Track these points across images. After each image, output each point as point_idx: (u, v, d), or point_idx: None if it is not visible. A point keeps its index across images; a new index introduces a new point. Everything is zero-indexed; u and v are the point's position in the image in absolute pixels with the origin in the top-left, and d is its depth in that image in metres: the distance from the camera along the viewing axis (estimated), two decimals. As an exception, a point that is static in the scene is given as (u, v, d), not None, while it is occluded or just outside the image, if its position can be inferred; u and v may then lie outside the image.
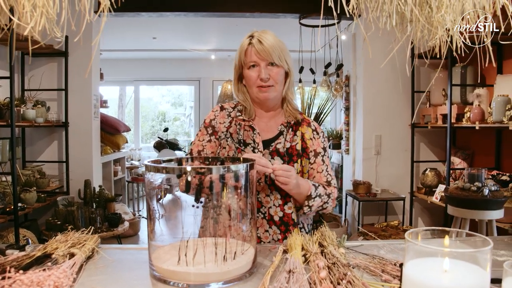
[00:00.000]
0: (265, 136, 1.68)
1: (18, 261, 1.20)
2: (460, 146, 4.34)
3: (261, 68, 1.58)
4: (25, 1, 1.12)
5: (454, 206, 2.92)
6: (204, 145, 1.69)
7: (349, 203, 4.93)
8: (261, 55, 1.56)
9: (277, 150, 1.64)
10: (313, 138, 1.71)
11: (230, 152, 1.64)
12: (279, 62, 1.58)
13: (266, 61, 1.57)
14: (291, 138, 1.67)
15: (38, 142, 4.31)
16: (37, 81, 4.17)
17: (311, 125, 1.74)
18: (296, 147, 1.66)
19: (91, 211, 3.78)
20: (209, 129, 1.70)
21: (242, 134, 1.66)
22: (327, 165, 1.72)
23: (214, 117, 1.72)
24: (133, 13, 4.37)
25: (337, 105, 6.71)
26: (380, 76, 4.39)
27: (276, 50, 1.57)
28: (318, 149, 1.71)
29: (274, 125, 1.71)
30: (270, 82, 1.59)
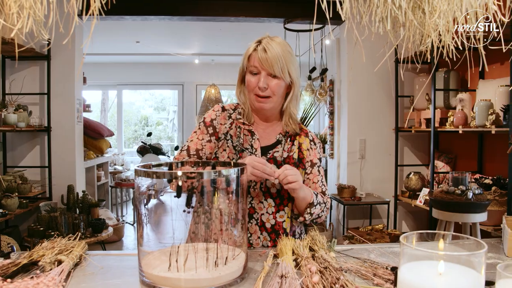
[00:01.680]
0: (263, 143, 1.66)
1: (4, 269, 1.17)
2: (443, 150, 4.40)
3: (261, 77, 1.54)
4: (11, 2, 1.10)
5: (438, 209, 2.95)
6: (203, 145, 1.64)
7: (333, 207, 4.95)
8: (263, 64, 1.53)
9: (275, 158, 1.63)
10: (310, 148, 1.70)
11: (230, 154, 1.62)
12: (280, 74, 1.54)
13: (267, 71, 1.54)
14: (289, 148, 1.66)
15: (20, 147, 4.23)
16: (18, 85, 4.09)
17: (309, 135, 1.73)
18: (293, 157, 1.65)
19: (75, 217, 3.72)
20: (210, 129, 1.66)
21: (242, 138, 1.64)
22: (322, 175, 1.72)
23: (215, 117, 1.67)
24: (116, 17, 4.32)
25: (321, 109, 6.75)
26: (364, 80, 4.42)
27: (279, 62, 1.52)
28: (315, 160, 1.71)
29: (272, 133, 1.69)
30: (268, 92, 1.56)
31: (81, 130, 4.49)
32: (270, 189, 1.60)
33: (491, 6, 0.86)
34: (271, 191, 1.61)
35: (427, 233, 0.99)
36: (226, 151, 1.62)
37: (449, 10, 0.87)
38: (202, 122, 1.67)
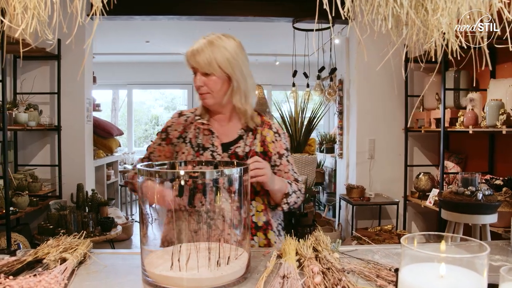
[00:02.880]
0: (224, 139, 1.68)
1: (9, 266, 1.18)
2: (453, 150, 4.35)
3: (197, 75, 1.57)
4: (16, 2, 1.11)
5: (448, 210, 2.92)
6: (154, 148, 1.73)
7: (342, 207, 4.92)
8: (194, 64, 1.55)
9: (236, 154, 1.64)
10: (275, 140, 1.71)
11: (188, 156, 1.64)
12: (209, 70, 1.54)
13: (198, 69, 1.56)
14: (251, 142, 1.67)
15: (31, 145, 4.27)
16: (29, 84, 4.13)
17: (272, 127, 1.73)
18: (256, 150, 1.66)
19: (84, 215, 3.75)
20: (163, 135, 1.73)
21: (202, 138, 1.66)
22: (292, 164, 1.74)
23: (171, 124, 1.74)
24: (126, 16, 4.35)
25: (331, 109, 6.72)
26: (374, 80, 4.40)
27: (206, 58, 1.53)
28: (282, 151, 1.71)
29: (233, 129, 1.70)
30: (205, 89, 1.58)
31: (90, 129, 4.52)
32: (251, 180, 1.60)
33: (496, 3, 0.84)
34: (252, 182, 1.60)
35: (430, 235, 0.98)
36: (185, 153, 1.65)
37: (453, 8, 0.86)
38: (161, 129, 1.76)
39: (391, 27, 0.90)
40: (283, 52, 7.01)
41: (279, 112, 5.15)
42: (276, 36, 6.08)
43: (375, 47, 1.24)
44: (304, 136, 5.08)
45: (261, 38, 6.45)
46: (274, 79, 8.17)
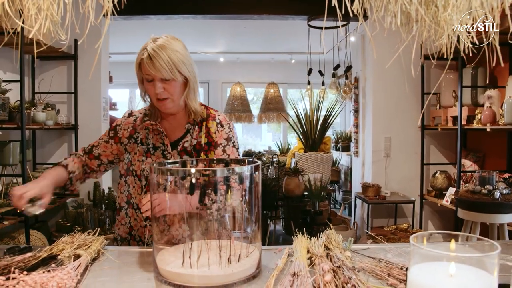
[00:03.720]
0: (174, 136, 1.72)
1: (25, 262, 1.20)
2: (471, 148, 4.29)
3: (155, 83, 1.57)
4: (30, 4, 1.13)
5: (464, 209, 2.88)
6: (100, 143, 1.77)
7: (358, 205, 4.89)
8: (152, 71, 1.54)
9: (185, 149, 1.68)
10: (217, 131, 1.73)
11: (140, 157, 1.68)
12: (170, 76, 1.56)
13: (158, 77, 1.56)
14: (197, 134, 1.71)
15: (49, 144, 4.34)
16: (47, 84, 4.20)
17: (216, 118, 1.76)
18: (201, 142, 1.69)
19: (100, 213, 3.80)
20: (111, 132, 1.77)
21: (151, 138, 1.70)
22: (229, 154, 1.71)
23: (120, 123, 1.78)
24: (141, 16, 4.38)
25: (347, 107, 6.69)
26: (390, 77, 4.35)
27: (167, 65, 1.53)
28: (220, 141, 1.72)
29: (180, 126, 1.73)
30: (165, 94, 1.59)
31: (107, 128, 4.57)
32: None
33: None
34: None
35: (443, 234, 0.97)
36: (136, 154, 1.70)
37: (464, 4, 0.84)
38: (109, 127, 1.82)
39: (400, 24, 0.89)
40: (298, 50, 6.99)
41: (294, 111, 5.14)
42: (291, 34, 6.06)
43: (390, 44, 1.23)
44: (319, 134, 5.06)
45: (276, 37, 6.44)
46: (289, 78, 8.14)
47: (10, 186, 3.45)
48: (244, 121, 7.32)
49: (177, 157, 1.66)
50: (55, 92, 4.19)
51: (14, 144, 3.33)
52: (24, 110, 3.25)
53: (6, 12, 1.13)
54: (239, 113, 7.19)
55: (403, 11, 0.88)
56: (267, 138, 10.61)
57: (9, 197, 1.46)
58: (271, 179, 4.76)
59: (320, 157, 4.84)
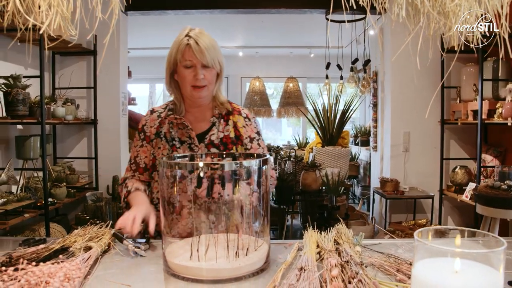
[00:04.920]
0: (199, 129, 1.73)
1: (38, 253, 1.23)
2: (492, 143, 4.20)
3: (197, 69, 1.60)
4: (40, 1, 1.14)
5: (483, 205, 2.83)
6: (137, 151, 1.76)
7: (376, 200, 4.85)
8: (198, 56, 1.58)
9: (212, 142, 1.70)
10: (246, 125, 1.77)
11: (164, 151, 1.69)
12: (212, 64, 1.61)
13: (201, 62, 1.59)
14: (224, 128, 1.73)
15: (69, 139, 4.42)
16: (67, 79, 4.26)
17: (242, 113, 1.80)
18: (230, 136, 1.72)
19: (119, 207, 3.85)
20: (141, 135, 1.77)
21: (176, 132, 1.71)
22: (263, 147, 1.79)
23: (145, 122, 1.78)
24: (158, 11, 4.41)
25: (366, 101, 6.62)
26: (409, 71, 4.29)
27: (211, 53, 1.59)
28: (252, 135, 1.77)
29: (205, 119, 1.75)
30: (204, 82, 1.63)
31: (126, 122, 4.63)
32: None
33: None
34: None
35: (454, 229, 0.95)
36: (160, 148, 1.71)
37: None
38: (137, 130, 1.80)
39: (408, 15, 0.88)
40: (316, 44, 6.94)
41: (312, 105, 5.11)
42: (310, 28, 6.02)
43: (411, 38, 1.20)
44: (337, 129, 5.02)
45: (294, 30, 6.40)
46: (309, 72, 8.09)
47: (31, 180, 3.53)
48: (263, 115, 7.32)
49: (204, 150, 1.68)
50: (75, 87, 4.26)
51: (35, 139, 3.40)
52: (44, 105, 3.31)
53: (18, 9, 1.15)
54: (258, 107, 7.19)
55: (410, 3, 0.86)
56: (287, 133, 10.59)
57: (119, 231, 1.44)
58: (288, 173, 4.75)
59: (337, 151, 4.80)
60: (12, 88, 3.08)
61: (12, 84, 3.09)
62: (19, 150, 3.38)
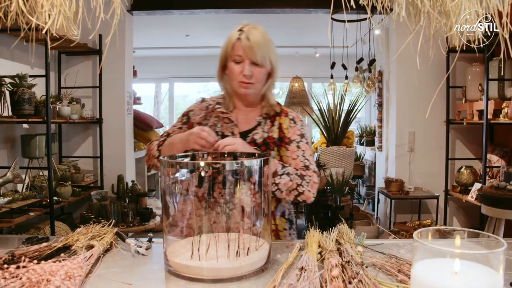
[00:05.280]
0: (244, 127, 1.70)
1: (40, 251, 1.24)
2: (497, 143, 4.18)
3: (245, 65, 1.58)
4: (43, 1, 1.15)
5: (488, 206, 2.82)
6: (174, 130, 1.75)
7: (381, 200, 4.84)
8: (247, 52, 1.56)
9: (254, 141, 1.67)
10: (290, 127, 1.72)
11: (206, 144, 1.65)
12: (262, 62, 1.59)
13: (251, 59, 1.58)
14: (269, 128, 1.70)
15: (74, 138, 4.44)
16: (73, 79, 4.28)
17: (289, 115, 1.76)
18: (273, 136, 1.68)
19: (124, 206, 3.86)
20: (184, 118, 1.76)
21: (221, 126, 1.69)
22: (304, 150, 1.69)
23: (193, 108, 1.78)
24: (164, 11, 4.42)
25: (371, 101, 6.60)
26: (414, 71, 4.26)
27: (262, 50, 1.57)
28: (293, 137, 1.70)
29: (252, 117, 1.73)
30: (252, 79, 1.61)
31: (131, 122, 4.64)
32: None
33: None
34: None
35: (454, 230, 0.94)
36: None
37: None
38: (182, 113, 1.80)
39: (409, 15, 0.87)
40: (322, 44, 6.93)
41: (317, 105, 5.11)
42: (315, 27, 6.01)
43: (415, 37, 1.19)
44: (342, 129, 5.02)
45: (300, 30, 6.39)
46: (314, 71, 8.09)
47: (36, 179, 3.55)
48: (269, 115, 7.30)
49: None
50: (80, 87, 4.28)
51: (40, 138, 3.42)
52: (49, 104, 3.33)
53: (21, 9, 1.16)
54: (263, 107, 7.17)
55: (410, 2, 0.86)
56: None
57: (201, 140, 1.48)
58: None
59: (342, 151, 4.80)
60: (18, 87, 3.10)
61: (18, 84, 3.10)
62: (25, 149, 3.40)
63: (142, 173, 5.65)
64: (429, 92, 4.27)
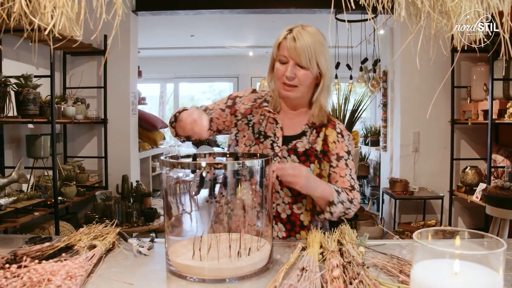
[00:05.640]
0: (287, 132, 1.64)
1: (43, 251, 1.25)
2: (503, 143, 4.16)
3: (288, 66, 1.52)
4: (46, 1, 1.16)
5: (492, 206, 2.81)
6: (215, 108, 1.71)
7: (386, 201, 4.83)
8: (291, 53, 1.50)
9: (295, 149, 1.60)
10: (337, 141, 1.64)
11: (247, 141, 1.62)
12: (307, 65, 1.51)
13: (295, 60, 1.51)
14: (314, 139, 1.62)
15: (79, 138, 4.45)
16: (78, 79, 4.30)
17: (337, 127, 1.67)
18: (316, 148, 1.60)
19: (128, 206, 3.87)
20: (230, 101, 1.72)
21: (265, 125, 1.63)
22: (351, 169, 1.64)
23: (241, 95, 1.73)
24: (169, 11, 4.43)
25: (376, 101, 6.58)
26: (419, 71, 4.25)
27: (307, 52, 1.49)
28: (341, 153, 1.63)
29: (298, 123, 1.65)
30: (295, 82, 1.54)
31: (136, 122, 4.66)
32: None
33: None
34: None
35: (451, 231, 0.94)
36: (245, 137, 1.64)
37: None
38: (228, 95, 1.75)
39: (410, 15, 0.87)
40: (328, 44, 6.90)
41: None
42: (320, 27, 5.96)
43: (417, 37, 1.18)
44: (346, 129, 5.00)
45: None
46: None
47: (41, 179, 3.57)
48: (273, 115, 7.31)
49: (285, 154, 1.59)
50: (85, 87, 4.30)
51: (45, 138, 3.44)
52: (54, 105, 3.34)
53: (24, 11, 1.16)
54: (268, 107, 7.18)
55: (411, 2, 0.85)
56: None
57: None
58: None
59: (347, 151, 4.78)
60: (23, 87, 3.11)
61: (23, 84, 3.12)
62: (30, 149, 3.42)
63: (146, 173, 5.67)
64: (433, 92, 4.22)
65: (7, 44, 3.38)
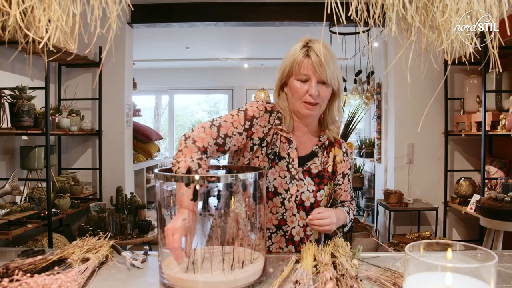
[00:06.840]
0: (301, 152, 1.62)
1: (35, 264, 1.24)
2: (496, 154, 4.18)
3: (311, 84, 1.47)
4: (41, 15, 1.16)
5: (486, 217, 2.81)
6: (234, 134, 1.48)
7: (380, 213, 4.83)
8: (317, 71, 1.45)
9: (309, 171, 1.60)
10: (343, 160, 1.69)
11: (262, 162, 1.56)
12: (331, 81, 1.47)
13: (319, 77, 1.46)
14: (326, 161, 1.64)
15: (73, 150, 4.44)
16: (72, 90, 4.30)
17: (342, 146, 1.70)
18: (328, 170, 1.64)
19: (122, 218, 3.85)
20: (247, 123, 1.52)
21: (278, 146, 1.58)
22: (351, 182, 1.76)
23: (258, 116, 1.55)
24: (164, 24, 4.45)
25: (371, 113, 6.62)
26: (412, 83, 4.29)
27: (331, 68, 1.46)
28: (346, 170, 1.71)
29: (308, 142, 1.64)
30: (318, 99, 1.49)
31: (130, 134, 4.65)
32: (305, 202, 1.58)
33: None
34: (305, 204, 1.58)
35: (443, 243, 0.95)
36: (258, 158, 1.56)
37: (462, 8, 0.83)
38: (243, 112, 1.54)
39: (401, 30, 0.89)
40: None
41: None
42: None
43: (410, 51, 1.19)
44: (340, 140, 5.02)
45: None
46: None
47: (34, 190, 3.55)
48: (267, 127, 7.32)
49: (301, 176, 1.58)
50: (80, 98, 4.30)
51: (39, 149, 3.43)
52: (48, 116, 3.34)
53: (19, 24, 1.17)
54: (262, 119, 7.20)
55: (401, 17, 0.87)
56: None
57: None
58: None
59: (341, 163, 4.79)
60: (18, 99, 3.11)
61: (18, 95, 3.12)
62: (24, 161, 3.40)
63: (141, 185, 5.64)
64: (427, 104, 4.28)
65: (2, 55, 3.39)
